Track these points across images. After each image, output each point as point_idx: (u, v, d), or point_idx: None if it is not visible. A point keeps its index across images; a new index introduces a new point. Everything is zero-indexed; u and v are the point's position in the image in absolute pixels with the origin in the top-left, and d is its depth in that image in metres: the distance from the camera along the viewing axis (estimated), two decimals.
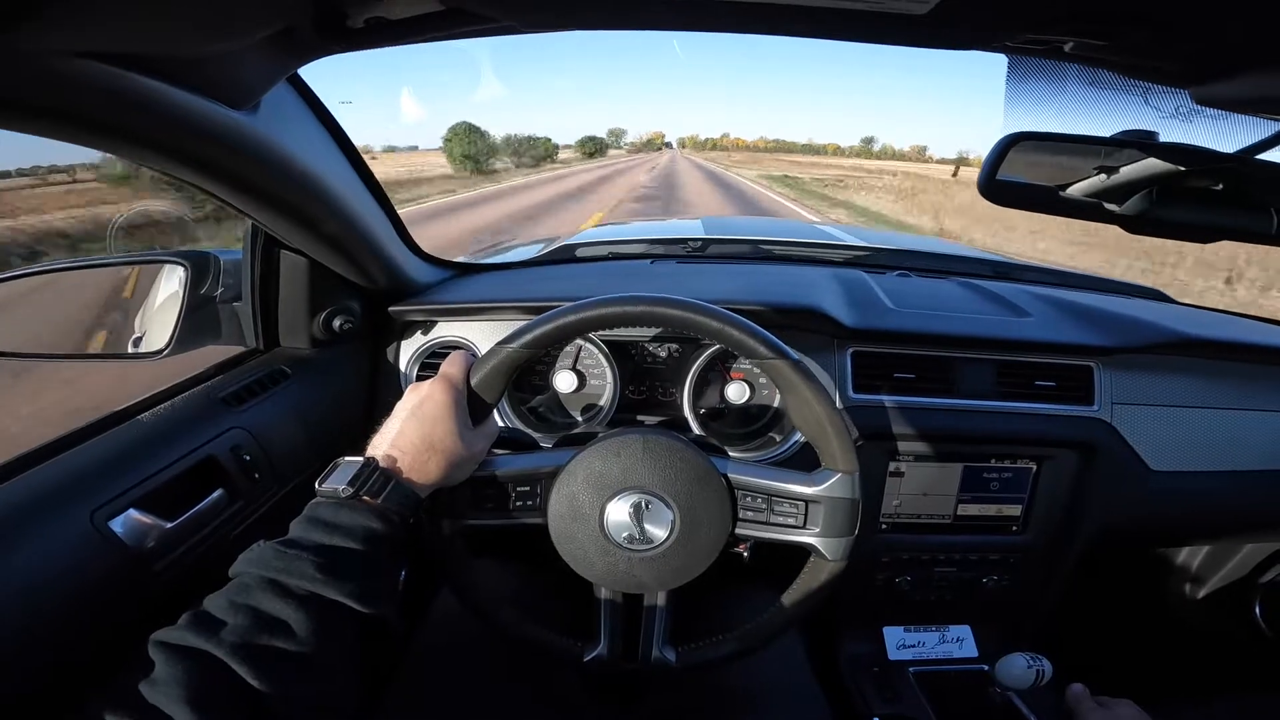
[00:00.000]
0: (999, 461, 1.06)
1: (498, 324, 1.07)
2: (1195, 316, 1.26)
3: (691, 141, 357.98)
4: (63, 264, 0.89)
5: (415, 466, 0.61)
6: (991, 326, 1.05)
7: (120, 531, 0.64)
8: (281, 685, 0.46)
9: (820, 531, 0.71)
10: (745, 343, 0.70)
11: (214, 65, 0.47)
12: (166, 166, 0.58)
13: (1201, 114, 0.61)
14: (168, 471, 0.71)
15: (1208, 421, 1.07)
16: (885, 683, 1.11)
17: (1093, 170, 0.68)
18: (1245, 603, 1.27)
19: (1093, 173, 0.69)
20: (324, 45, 0.51)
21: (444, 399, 0.64)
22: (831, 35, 0.47)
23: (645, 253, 1.44)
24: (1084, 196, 0.71)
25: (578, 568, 0.71)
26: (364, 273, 0.95)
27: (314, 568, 0.51)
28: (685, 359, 1.05)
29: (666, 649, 0.75)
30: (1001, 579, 1.12)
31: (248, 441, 0.81)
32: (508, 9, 0.48)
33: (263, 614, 0.48)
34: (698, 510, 0.69)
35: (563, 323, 0.69)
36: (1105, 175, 0.68)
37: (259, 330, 0.93)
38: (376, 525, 0.56)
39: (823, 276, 1.17)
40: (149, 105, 0.48)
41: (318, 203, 0.76)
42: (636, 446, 0.70)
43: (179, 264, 0.85)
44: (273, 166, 0.66)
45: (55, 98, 0.44)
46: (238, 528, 0.78)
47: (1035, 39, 0.48)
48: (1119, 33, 0.45)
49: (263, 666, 0.46)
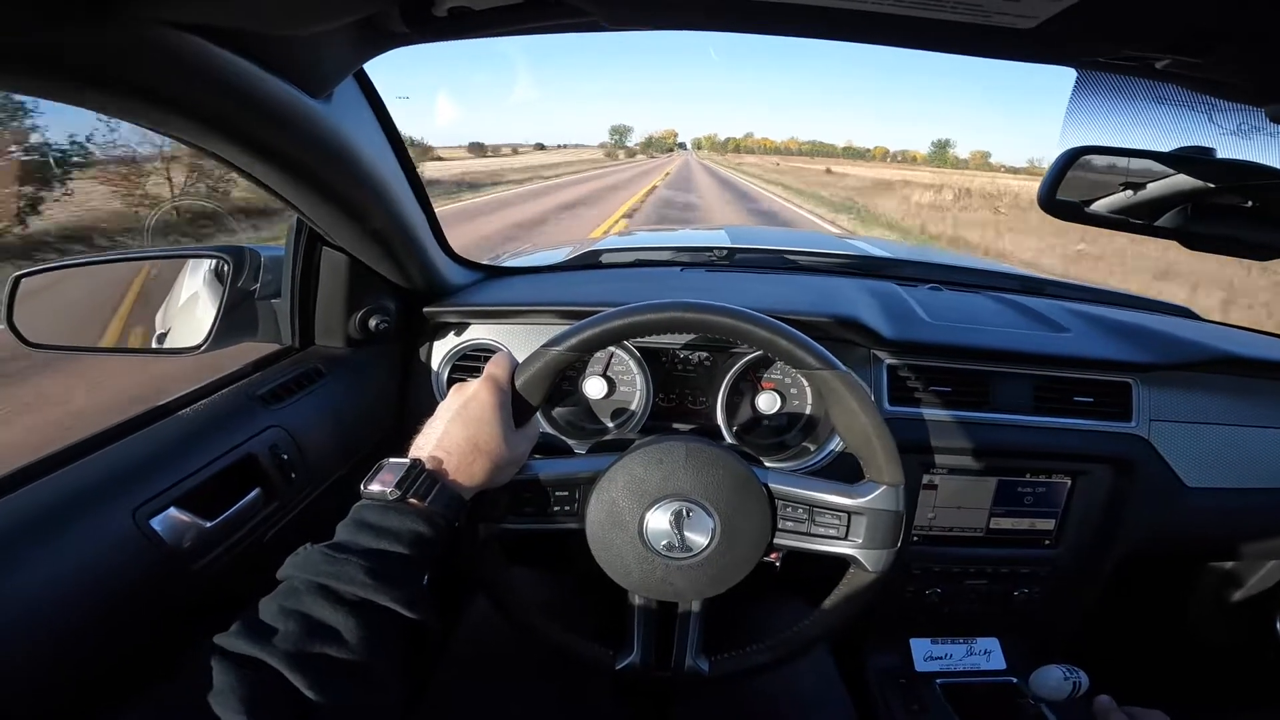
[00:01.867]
0: (1034, 476, 1.05)
1: (530, 327, 1.06)
2: (1229, 334, 1.27)
3: (709, 142, 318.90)
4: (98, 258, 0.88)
5: (461, 468, 0.60)
6: (1030, 341, 1.04)
7: (161, 530, 0.63)
8: (332, 693, 0.46)
9: (862, 543, 0.70)
10: (794, 353, 0.70)
11: (300, 48, 0.47)
12: (235, 151, 0.57)
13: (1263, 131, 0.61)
14: (207, 470, 0.70)
15: (1242, 439, 1.07)
16: (912, 694, 1.10)
17: (1152, 186, 0.68)
18: (1267, 617, 1.26)
19: (1152, 189, 0.69)
20: (407, 34, 0.50)
21: (489, 400, 0.63)
22: (930, 47, 0.47)
23: (672, 260, 1.44)
24: (1143, 213, 0.70)
25: (614, 575, 0.70)
26: (403, 272, 0.94)
27: (363, 573, 0.50)
28: (717, 367, 1.05)
29: (700, 658, 0.75)
30: (1032, 592, 1.11)
31: (285, 441, 0.80)
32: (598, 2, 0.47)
33: (314, 620, 0.48)
34: (738, 519, 0.69)
35: (610, 327, 0.69)
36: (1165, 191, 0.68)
37: (296, 328, 0.93)
38: (423, 529, 0.55)
39: (856, 288, 1.17)
40: (231, 83, 0.47)
41: (370, 198, 0.76)
42: (679, 454, 0.69)
43: (220, 258, 0.84)
44: (335, 158, 0.65)
45: (146, 71, 0.43)
46: (273, 529, 0.77)
47: (1132, 55, 0.47)
48: (1217, 50, 0.45)
49: (314, 674, 0.46)
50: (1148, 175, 0.69)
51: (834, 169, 69.13)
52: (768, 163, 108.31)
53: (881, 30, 0.45)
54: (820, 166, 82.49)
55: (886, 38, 0.46)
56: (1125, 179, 0.71)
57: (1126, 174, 0.71)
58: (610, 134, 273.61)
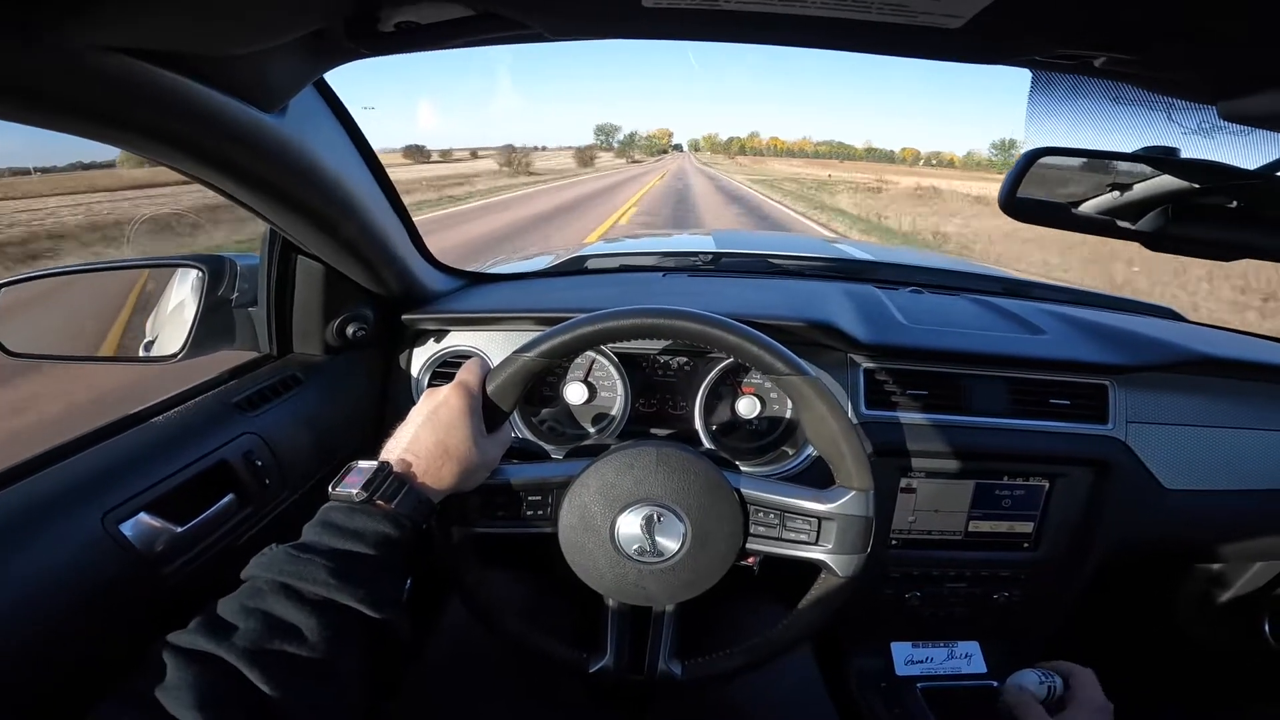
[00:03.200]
0: (1011, 479, 1.05)
1: (510, 334, 1.07)
2: (1209, 336, 1.26)
3: (709, 142, 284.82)
4: (78, 267, 0.89)
5: (429, 472, 0.61)
6: (1006, 344, 1.04)
7: (131, 535, 0.63)
8: (291, 690, 0.46)
9: (832, 548, 0.71)
10: (761, 358, 0.70)
11: (245, 66, 0.47)
12: (191, 167, 0.57)
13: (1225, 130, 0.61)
14: (180, 475, 0.70)
15: (1222, 441, 1.07)
16: (893, 698, 1.10)
17: (1114, 187, 0.68)
18: (1255, 617, 1.25)
19: (1115, 189, 0.69)
20: (354, 49, 0.51)
21: (460, 405, 0.64)
22: (861, 49, 0.47)
23: (657, 265, 1.44)
24: (1105, 213, 0.70)
25: (587, 579, 0.71)
26: (379, 280, 0.95)
27: (327, 572, 0.50)
28: (696, 372, 1.05)
29: (673, 662, 0.75)
30: (1012, 595, 1.11)
31: (259, 447, 0.81)
32: (539, 15, 0.48)
33: (274, 618, 0.48)
34: (709, 524, 0.69)
35: (580, 333, 0.70)
36: (1127, 192, 0.68)
37: (273, 335, 0.93)
38: (390, 530, 0.55)
39: (835, 292, 1.17)
40: (177, 103, 0.48)
41: (338, 208, 0.76)
42: (650, 458, 0.70)
43: (196, 267, 0.85)
44: (297, 170, 0.66)
45: (83, 92, 0.44)
46: (248, 533, 0.78)
47: (1067, 54, 0.48)
48: (1151, 47, 0.45)
49: (273, 671, 0.46)
50: (1110, 176, 0.69)
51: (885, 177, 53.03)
52: (800, 171, 78.71)
53: (813, 34, 0.46)
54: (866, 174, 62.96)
55: (819, 41, 0.46)
56: (1087, 180, 0.71)
57: (1089, 175, 0.71)
58: (596, 134, 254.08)
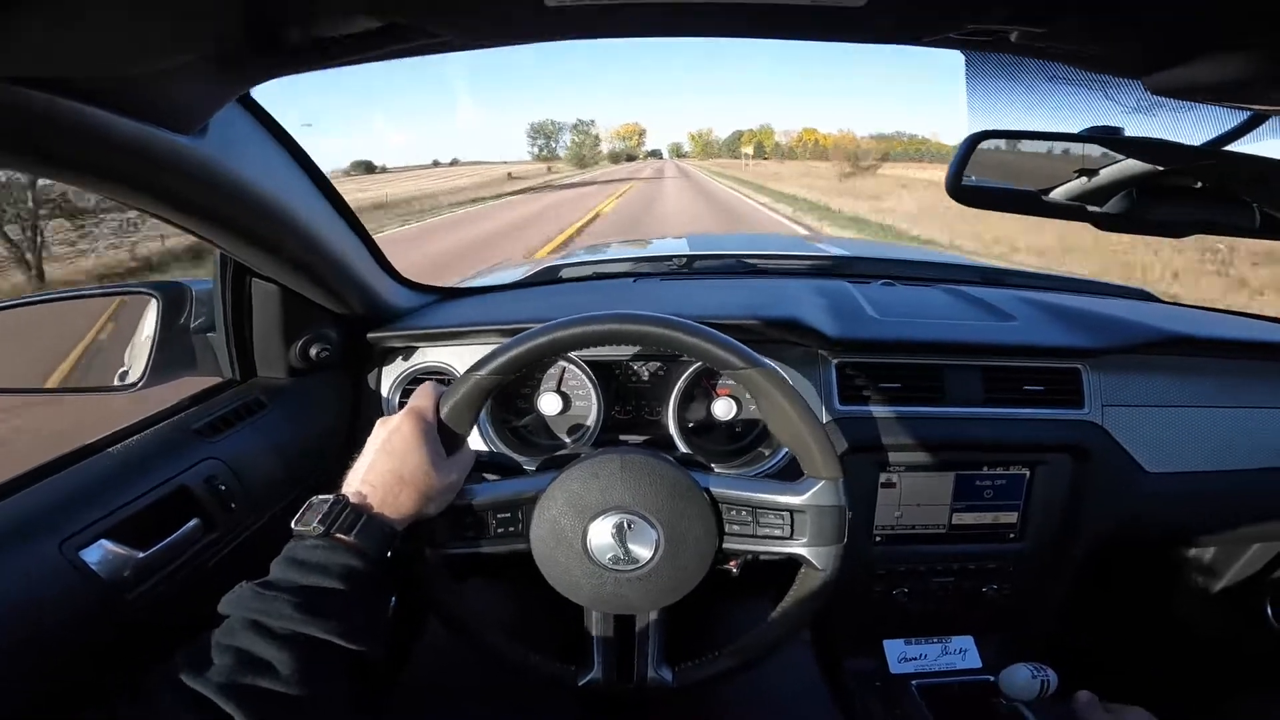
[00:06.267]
0: (991, 468, 1.04)
1: (480, 348, 1.06)
2: (1182, 314, 1.25)
3: (700, 142, 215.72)
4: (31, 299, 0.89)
5: (387, 501, 0.61)
6: (976, 332, 1.04)
7: (92, 561, 0.63)
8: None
9: (808, 541, 0.69)
10: (717, 354, 0.69)
11: (150, 88, 0.47)
12: (116, 194, 0.57)
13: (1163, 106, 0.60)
14: (139, 502, 0.70)
15: (1201, 421, 1.06)
16: (889, 697, 1.09)
17: (1061, 168, 0.68)
18: (1256, 601, 1.24)
19: (1061, 171, 0.68)
20: (266, 67, 0.51)
21: (412, 431, 0.64)
22: (770, 34, 0.47)
23: (630, 271, 1.44)
24: (1054, 196, 0.70)
25: (565, 591, 0.70)
26: (338, 299, 0.94)
27: (292, 608, 0.51)
28: (669, 376, 1.04)
29: (663, 668, 0.74)
30: (1002, 588, 1.09)
31: (223, 472, 0.80)
32: (444, 24, 0.47)
33: (246, 654, 0.49)
34: (681, 527, 0.68)
35: (530, 346, 0.69)
36: (1073, 173, 0.67)
37: (234, 360, 0.92)
38: (354, 562, 0.56)
39: (805, 288, 1.17)
40: (85, 131, 0.47)
41: (280, 228, 0.75)
42: (614, 466, 0.69)
43: (150, 295, 0.85)
44: (227, 192, 0.65)
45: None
46: (214, 557, 0.77)
47: (978, 29, 0.47)
48: (1054, 19, 0.44)
49: (248, 705, 0.46)
50: (1055, 157, 0.69)
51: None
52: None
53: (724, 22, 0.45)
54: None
55: (731, 29, 0.46)
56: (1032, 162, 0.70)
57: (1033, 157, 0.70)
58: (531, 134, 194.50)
